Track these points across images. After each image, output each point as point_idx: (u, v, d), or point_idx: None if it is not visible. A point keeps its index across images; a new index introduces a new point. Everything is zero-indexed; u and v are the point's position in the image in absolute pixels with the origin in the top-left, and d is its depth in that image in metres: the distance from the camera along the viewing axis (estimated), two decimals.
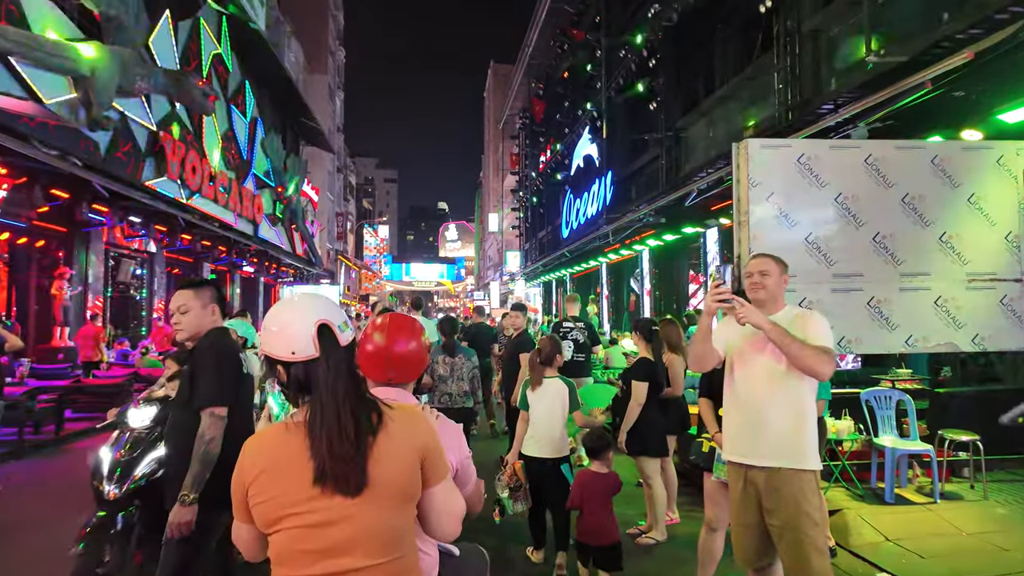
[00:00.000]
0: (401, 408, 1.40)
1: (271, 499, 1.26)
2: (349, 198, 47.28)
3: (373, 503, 1.26)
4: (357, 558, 1.25)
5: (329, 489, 1.24)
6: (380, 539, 1.28)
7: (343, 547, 1.25)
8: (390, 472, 1.29)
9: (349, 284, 45.20)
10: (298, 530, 1.24)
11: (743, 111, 9.21)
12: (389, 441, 1.31)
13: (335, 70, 41.87)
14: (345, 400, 1.30)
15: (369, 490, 1.26)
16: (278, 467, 1.27)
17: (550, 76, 21.35)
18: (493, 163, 45.11)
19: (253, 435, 1.39)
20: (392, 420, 1.34)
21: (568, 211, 18.18)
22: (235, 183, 17.46)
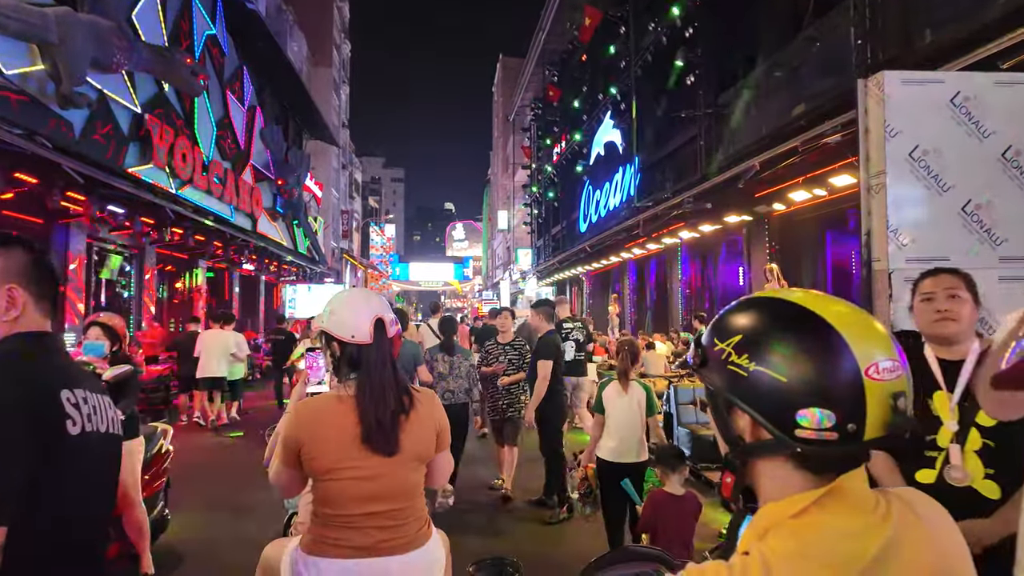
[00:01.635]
0: (425, 392, 1.95)
1: (325, 455, 1.74)
2: (355, 196, 46.22)
3: (401, 464, 1.80)
4: (388, 503, 1.79)
5: (371, 450, 1.75)
6: (404, 489, 1.83)
7: (379, 495, 1.77)
8: (414, 441, 1.82)
9: (355, 284, 44.12)
10: (348, 481, 1.75)
11: (803, 79, 7.98)
12: (417, 418, 1.84)
13: (340, 64, 40.82)
14: (389, 381, 1.81)
15: (400, 454, 1.79)
16: (331, 431, 1.76)
17: (565, 61, 20.15)
18: (502, 159, 43.90)
19: (305, 401, 1.85)
20: (420, 402, 1.87)
21: (586, 203, 16.98)
22: (231, 174, 16.36)
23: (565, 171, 20.13)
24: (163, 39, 12.49)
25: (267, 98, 21.08)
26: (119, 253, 14.20)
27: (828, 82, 7.46)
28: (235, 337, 9.65)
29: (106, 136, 10.74)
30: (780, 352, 0.76)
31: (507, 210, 40.90)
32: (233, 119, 17.11)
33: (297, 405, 1.88)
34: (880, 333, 0.77)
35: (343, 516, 1.76)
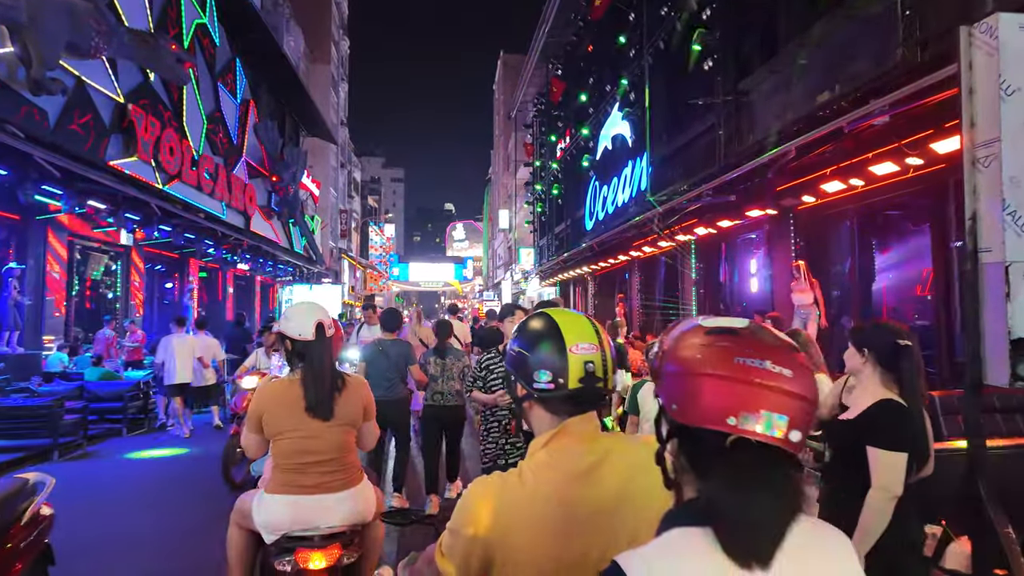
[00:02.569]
0: (354, 378, 2.68)
1: (279, 421, 2.48)
2: (354, 195, 45.57)
3: (335, 427, 2.52)
4: (325, 455, 2.50)
5: (312, 417, 2.48)
6: (337, 445, 2.54)
7: (319, 449, 2.50)
8: (345, 411, 2.55)
9: (354, 284, 43.47)
10: (297, 439, 2.48)
11: (838, 59, 7.33)
12: (347, 394, 2.57)
13: (338, 60, 40.19)
14: (326, 368, 2.54)
15: (334, 420, 2.51)
16: (283, 403, 2.49)
17: (570, 54, 19.49)
18: (503, 157, 43.20)
19: (264, 384, 2.63)
20: (349, 384, 2.60)
21: (593, 200, 16.31)
22: (223, 170, 15.71)
23: (570, 167, 19.45)
24: (148, 26, 11.84)
25: (262, 93, 20.45)
26: (103, 252, 13.55)
27: (864, 63, 6.80)
28: (203, 342, 8.98)
29: (85, 127, 10.10)
30: (527, 338, 1.31)
31: (508, 209, 40.21)
32: (225, 113, 16.47)
33: (259, 387, 2.62)
34: (586, 330, 1.28)
35: (293, 464, 2.46)
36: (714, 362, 0.83)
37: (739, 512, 0.79)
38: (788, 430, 0.79)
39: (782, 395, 0.79)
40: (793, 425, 0.79)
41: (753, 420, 0.78)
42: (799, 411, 0.80)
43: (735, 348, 0.83)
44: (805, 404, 0.80)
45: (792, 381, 0.80)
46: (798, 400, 0.80)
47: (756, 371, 0.80)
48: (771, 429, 0.78)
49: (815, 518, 0.91)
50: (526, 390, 1.28)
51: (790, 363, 0.82)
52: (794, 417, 0.79)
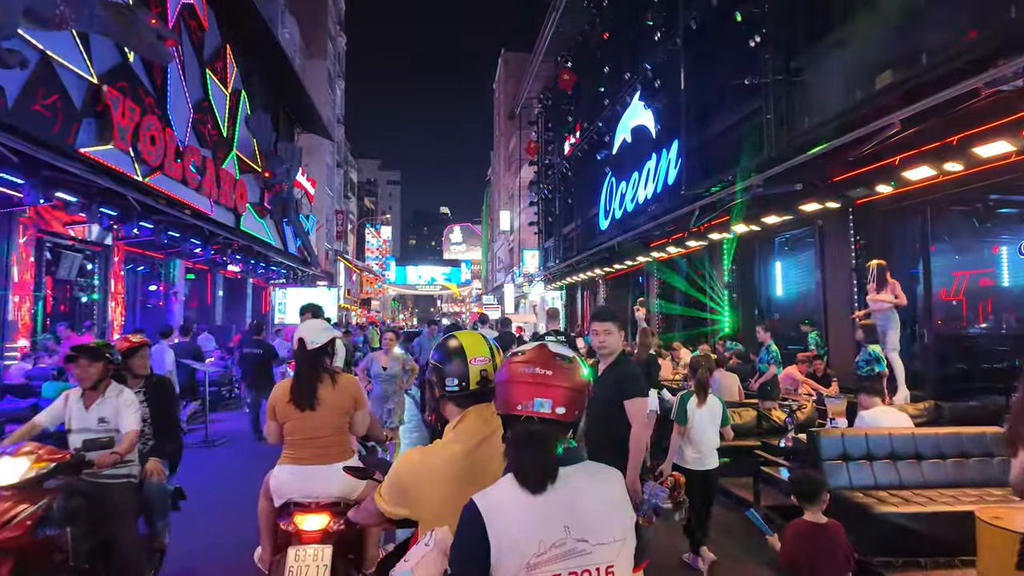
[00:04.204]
0: (346, 376, 3.19)
1: (281, 409, 3.01)
2: (350, 195, 44.39)
3: (322, 413, 3.01)
4: (316, 433, 3.00)
5: (295, 406, 2.99)
6: (327, 425, 3.03)
7: (310, 429, 3.00)
8: (333, 400, 3.03)
9: (350, 287, 42.27)
10: (293, 422, 3.00)
11: (917, 26, 6.29)
12: (336, 388, 3.06)
13: (335, 57, 39.07)
14: (307, 370, 3.06)
15: (319, 407, 3.00)
16: (284, 396, 3.02)
17: (582, 44, 18.44)
18: (504, 158, 42.12)
19: (278, 385, 3.14)
20: (340, 380, 3.10)
21: (608, 198, 15.24)
22: (211, 163, 14.55)
23: (581, 164, 18.38)
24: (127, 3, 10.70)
25: (255, 84, 19.28)
26: (78, 251, 12.35)
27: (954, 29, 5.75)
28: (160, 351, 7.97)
29: (51, 108, 8.95)
30: (442, 355, 1.85)
31: (510, 210, 39.10)
32: (214, 102, 15.32)
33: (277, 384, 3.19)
34: (482, 347, 1.86)
35: (295, 441, 3.02)
36: (509, 373, 1.44)
37: (518, 461, 1.36)
38: (554, 407, 1.38)
39: (547, 387, 1.39)
40: (556, 404, 1.38)
41: (531, 405, 1.38)
42: (560, 394, 1.39)
43: (520, 362, 1.44)
44: (564, 390, 1.40)
45: (552, 377, 1.40)
46: (558, 388, 1.39)
47: (530, 375, 1.40)
48: (542, 408, 1.37)
49: (597, 464, 1.48)
50: (441, 391, 1.87)
51: (552, 367, 1.42)
52: (556, 399, 1.39)
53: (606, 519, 1.35)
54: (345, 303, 38.96)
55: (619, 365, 3.33)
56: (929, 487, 3.85)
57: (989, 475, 3.93)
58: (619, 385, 3.20)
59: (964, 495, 3.73)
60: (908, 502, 3.59)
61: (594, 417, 2.99)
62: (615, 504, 1.39)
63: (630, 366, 3.35)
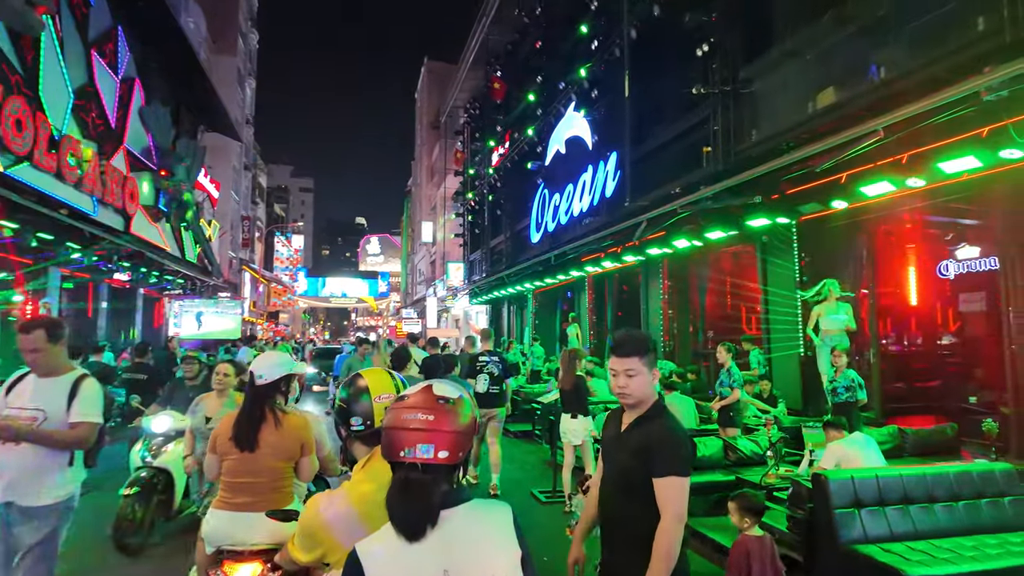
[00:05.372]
0: (295, 415, 2.99)
1: (223, 444, 2.83)
2: (258, 201, 41.71)
3: (262, 456, 2.80)
4: (253, 477, 2.80)
5: (235, 446, 2.80)
6: (264, 470, 2.82)
7: (248, 472, 2.80)
8: (274, 443, 2.83)
9: (256, 299, 39.52)
10: (230, 461, 2.81)
11: (880, 37, 6.15)
12: (280, 430, 2.86)
13: (246, 54, 36.73)
14: (250, 408, 2.87)
15: (259, 450, 2.80)
16: (225, 433, 2.83)
17: (512, 52, 17.98)
18: (427, 167, 41.03)
19: (225, 416, 2.95)
20: (285, 419, 2.89)
21: (541, 210, 14.74)
22: (95, 157, 12.72)
23: (511, 175, 17.83)
24: None
25: (153, 74, 17.33)
26: None
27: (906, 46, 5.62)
28: None
29: None
30: (348, 394, 1.87)
31: (432, 222, 38.04)
32: (100, 89, 13.48)
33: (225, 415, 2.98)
34: (387, 384, 1.89)
35: (230, 483, 2.82)
36: (392, 419, 1.40)
37: (394, 509, 1.34)
38: (436, 452, 1.35)
39: (429, 432, 1.36)
40: (439, 448, 1.35)
41: (413, 451, 1.34)
42: (442, 439, 1.36)
43: (403, 407, 1.41)
44: (446, 434, 1.36)
45: (435, 422, 1.37)
46: (440, 433, 1.36)
47: (412, 421, 1.37)
48: (425, 453, 1.34)
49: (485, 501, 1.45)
50: (347, 431, 1.86)
51: (435, 411, 1.38)
52: (438, 443, 1.35)
53: (488, 560, 1.35)
54: (250, 316, 36.32)
55: (649, 421, 2.20)
56: (945, 535, 3.44)
57: (1002, 519, 3.57)
58: (646, 453, 2.12)
59: (984, 544, 3.33)
60: (934, 559, 3.13)
61: (610, 496, 2.25)
62: (499, 544, 1.38)
63: (667, 425, 2.19)
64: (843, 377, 5.62)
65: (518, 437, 10.11)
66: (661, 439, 2.12)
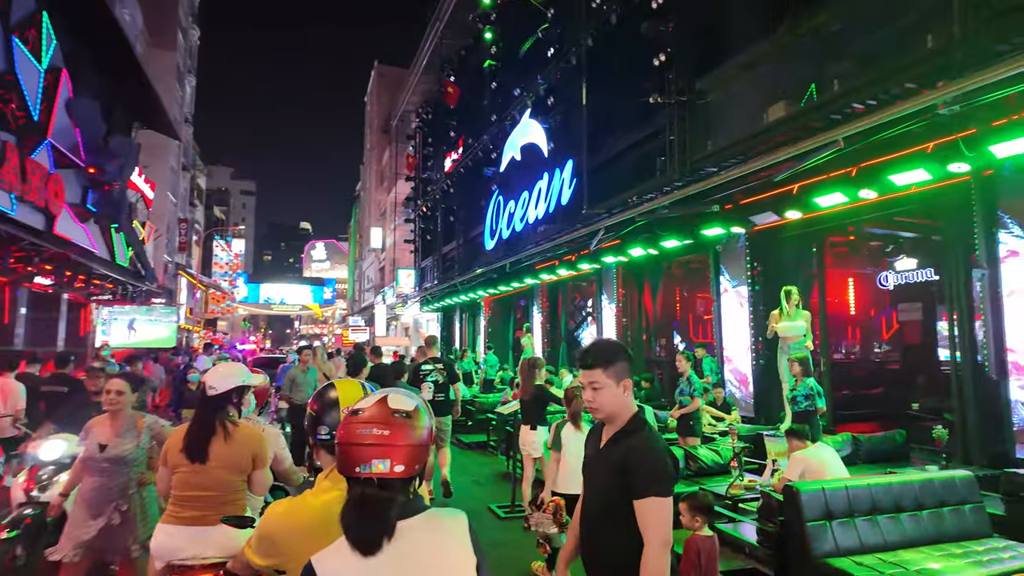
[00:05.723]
0: (246, 428, 2.91)
1: (172, 458, 2.77)
2: (197, 203, 39.94)
3: (213, 468, 2.75)
4: (203, 491, 2.74)
5: (186, 457, 2.74)
6: (215, 484, 2.76)
7: (198, 485, 2.74)
8: (225, 456, 2.77)
9: (192, 306, 37.75)
10: (181, 474, 2.76)
11: (833, 51, 6.30)
12: (231, 442, 2.79)
13: (186, 51, 35.19)
14: (202, 418, 2.82)
15: (209, 462, 2.74)
16: (176, 445, 2.77)
17: (465, 58, 17.82)
18: (376, 172, 40.25)
19: (175, 429, 2.91)
20: (237, 432, 2.83)
21: (495, 217, 14.58)
22: (14, 151, 11.75)
23: (464, 181, 17.61)
24: None
25: (83, 65, 16.24)
26: None
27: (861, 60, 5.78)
28: None
29: None
30: (318, 404, 1.90)
31: (381, 227, 37.29)
32: (22, 77, 12.50)
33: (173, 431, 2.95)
34: (357, 395, 1.83)
35: (180, 496, 2.76)
36: (347, 434, 1.38)
37: (349, 524, 1.34)
38: (392, 466, 1.34)
39: (385, 447, 1.34)
40: (395, 463, 1.35)
41: (369, 466, 1.33)
42: (398, 453, 1.35)
43: (358, 422, 1.38)
44: (402, 448, 1.35)
45: (390, 436, 1.36)
46: (396, 448, 1.35)
47: (368, 436, 1.35)
48: (380, 468, 1.33)
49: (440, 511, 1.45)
50: (314, 439, 1.87)
51: (390, 425, 1.37)
52: (394, 457, 1.35)
53: (444, 570, 1.37)
54: (187, 324, 34.62)
55: (628, 436, 2.02)
56: (912, 545, 3.44)
57: (964, 527, 3.61)
58: (624, 473, 1.94)
59: (951, 555, 3.34)
60: (907, 571, 3.10)
61: (591, 520, 2.08)
62: (455, 553, 1.39)
63: (646, 440, 2.00)
64: (802, 386, 5.67)
65: (472, 448, 9.85)
66: (640, 456, 1.93)
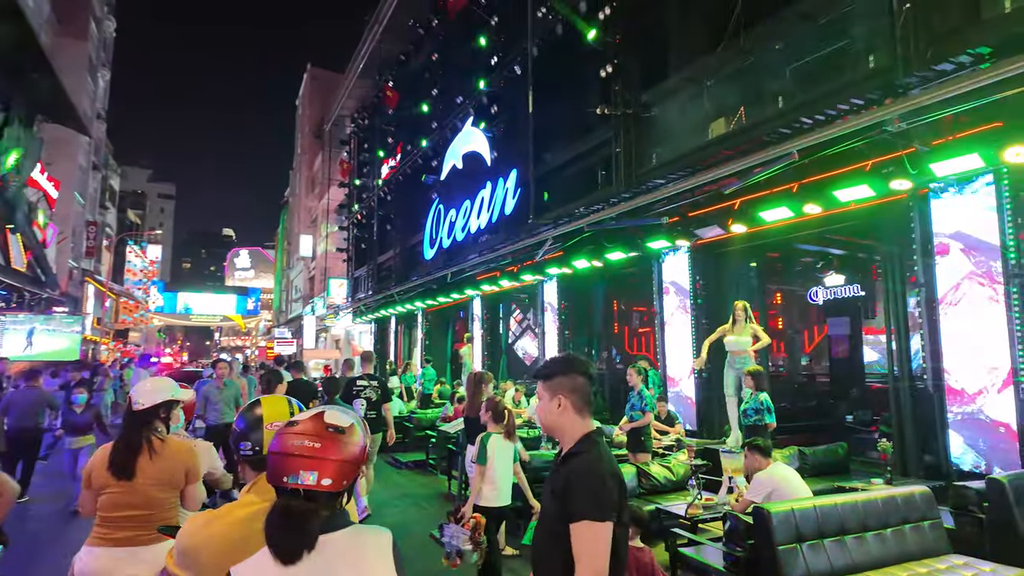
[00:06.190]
0: (177, 442, 2.84)
1: (99, 479, 2.63)
2: (109, 206, 37.19)
3: (142, 485, 2.64)
4: (135, 510, 2.63)
5: (113, 475, 2.62)
6: (146, 502, 2.65)
7: (129, 504, 2.62)
8: (155, 472, 2.66)
9: (101, 315, 34.99)
10: (109, 495, 2.62)
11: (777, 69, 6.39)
12: (159, 458, 2.69)
13: (100, 42, 32.85)
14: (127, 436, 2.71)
15: (137, 479, 2.63)
16: (103, 464, 2.64)
17: (405, 63, 17.41)
18: (307, 178, 38.77)
19: (99, 449, 2.75)
20: (166, 447, 2.73)
21: (436, 226, 14.17)
22: None
23: (403, 188, 17.10)
24: None
25: None
26: None
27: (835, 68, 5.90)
28: None
29: None
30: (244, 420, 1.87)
31: (312, 235, 35.91)
32: None
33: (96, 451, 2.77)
34: (283, 411, 1.86)
35: (108, 517, 2.64)
36: (279, 444, 1.39)
37: (272, 533, 1.33)
38: (320, 479, 1.35)
39: (314, 460, 1.35)
40: (323, 476, 1.35)
41: (297, 478, 1.34)
42: (327, 467, 1.36)
43: (291, 433, 1.40)
44: (332, 463, 1.37)
45: (321, 450, 1.37)
46: (325, 461, 1.36)
47: (298, 447, 1.36)
48: (308, 480, 1.34)
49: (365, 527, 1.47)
50: (238, 455, 1.82)
51: (322, 439, 1.38)
52: (322, 471, 1.35)
53: None
54: (93, 335, 32.00)
55: (574, 456, 1.86)
56: (879, 566, 3.35)
57: (925, 544, 3.58)
58: (561, 496, 1.80)
59: (915, 573, 3.28)
60: None
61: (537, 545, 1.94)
62: (375, 570, 1.40)
63: (588, 460, 1.84)
64: (753, 400, 5.63)
65: (410, 468, 9.33)
66: (578, 478, 1.78)
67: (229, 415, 7.02)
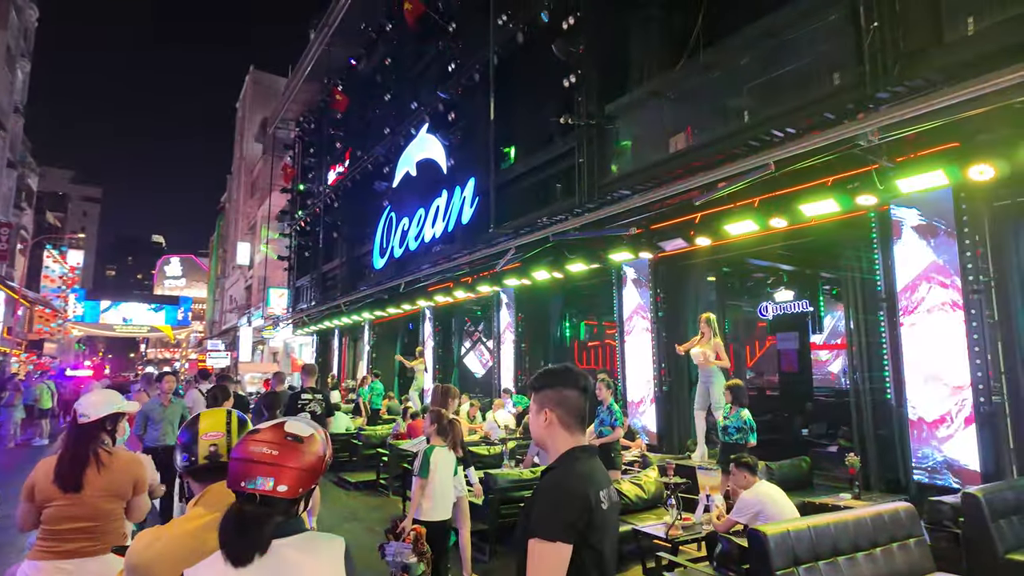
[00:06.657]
0: (124, 454, 2.89)
1: (43, 491, 2.60)
2: (25, 207, 34.52)
3: (90, 497, 2.62)
4: (82, 522, 2.61)
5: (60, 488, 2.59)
6: (94, 513, 2.64)
7: (76, 516, 2.61)
8: (103, 483, 2.66)
9: (12, 325, 32.29)
10: (55, 507, 2.59)
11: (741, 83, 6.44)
12: (107, 469, 2.68)
13: (19, 31, 30.67)
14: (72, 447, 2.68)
15: (85, 491, 2.61)
16: (46, 477, 2.61)
17: (355, 67, 16.93)
18: (246, 183, 37.21)
19: (41, 462, 2.71)
20: (113, 460, 2.73)
21: (387, 234, 13.69)
22: None
23: (351, 195, 16.51)
24: None
25: None
26: None
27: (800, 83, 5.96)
28: None
29: None
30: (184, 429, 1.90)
31: (250, 242, 34.38)
32: None
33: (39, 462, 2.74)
34: (219, 422, 1.90)
35: (54, 530, 2.61)
36: (239, 450, 1.44)
37: (225, 535, 1.36)
38: (276, 486, 1.39)
39: (271, 466, 1.40)
40: (279, 483, 1.39)
41: (253, 483, 1.38)
42: (283, 474, 1.40)
43: (251, 440, 1.45)
44: (288, 470, 1.41)
45: (278, 457, 1.41)
46: (283, 468, 1.40)
47: (257, 454, 1.41)
48: (264, 485, 1.38)
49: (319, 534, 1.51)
50: (183, 468, 1.85)
51: (280, 446, 1.43)
52: (279, 477, 1.40)
53: None
54: (3, 346, 29.44)
55: (548, 473, 1.78)
56: None
57: (912, 562, 3.51)
58: (528, 510, 1.72)
59: None
60: None
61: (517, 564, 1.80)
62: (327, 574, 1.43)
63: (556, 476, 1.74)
64: (735, 416, 5.53)
65: (360, 489, 8.78)
66: (542, 492, 1.70)
67: (171, 437, 6.23)
